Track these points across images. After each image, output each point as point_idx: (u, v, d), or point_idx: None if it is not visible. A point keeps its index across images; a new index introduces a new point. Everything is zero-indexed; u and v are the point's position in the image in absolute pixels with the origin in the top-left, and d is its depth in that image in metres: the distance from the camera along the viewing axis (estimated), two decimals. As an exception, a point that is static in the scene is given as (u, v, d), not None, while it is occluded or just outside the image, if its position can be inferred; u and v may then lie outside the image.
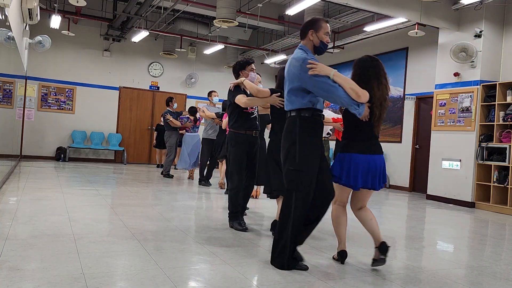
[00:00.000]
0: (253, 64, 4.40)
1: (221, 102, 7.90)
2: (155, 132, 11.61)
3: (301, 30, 3.10)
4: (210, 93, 8.34)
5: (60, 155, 11.43)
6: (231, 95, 4.23)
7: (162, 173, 9.17)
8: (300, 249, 3.03)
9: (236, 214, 4.26)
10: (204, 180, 7.93)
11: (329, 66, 2.95)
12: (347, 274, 2.93)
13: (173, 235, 3.74)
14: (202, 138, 8.11)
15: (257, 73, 4.50)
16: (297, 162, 2.89)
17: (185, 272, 2.76)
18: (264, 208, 5.70)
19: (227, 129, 4.51)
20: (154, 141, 11.54)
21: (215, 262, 3.01)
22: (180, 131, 11.19)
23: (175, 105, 9.56)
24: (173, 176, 8.99)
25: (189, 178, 9.02)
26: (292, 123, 2.96)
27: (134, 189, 6.75)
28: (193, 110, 9.02)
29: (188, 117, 8.98)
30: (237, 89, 4.22)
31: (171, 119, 9.00)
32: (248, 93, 4.24)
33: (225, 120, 7.12)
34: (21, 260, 2.74)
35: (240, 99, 4.13)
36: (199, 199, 6.26)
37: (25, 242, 3.18)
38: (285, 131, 3.01)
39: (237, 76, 4.36)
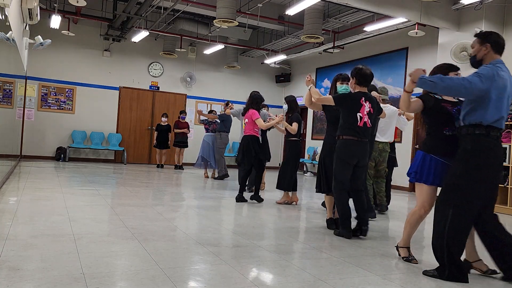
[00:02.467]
0: None
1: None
2: (155, 132, 11.62)
3: (502, 46, 3.10)
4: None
5: (60, 155, 11.43)
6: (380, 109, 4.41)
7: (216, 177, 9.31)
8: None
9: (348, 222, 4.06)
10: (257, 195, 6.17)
11: (329, 66, 2.97)
12: (347, 274, 2.93)
13: (173, 235, 3.74)
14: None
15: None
16: None
17: (185, 272, 2.76)
18: (260, 206, 5.70)
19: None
20: (155, 141, 11.56)
21: (215, 262, 3.01)
22: (182, 132, 11.29)
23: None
24: (228, 175, 9.33)
25: (207, 177, 9.51)
26: None
27: (134, 189, 6.75)
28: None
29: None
30: None
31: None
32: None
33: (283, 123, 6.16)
34: (21, 260, 2.74)
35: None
36: (200, 199, 6.26)
37: (25, 242, 3.18)
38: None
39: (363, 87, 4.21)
